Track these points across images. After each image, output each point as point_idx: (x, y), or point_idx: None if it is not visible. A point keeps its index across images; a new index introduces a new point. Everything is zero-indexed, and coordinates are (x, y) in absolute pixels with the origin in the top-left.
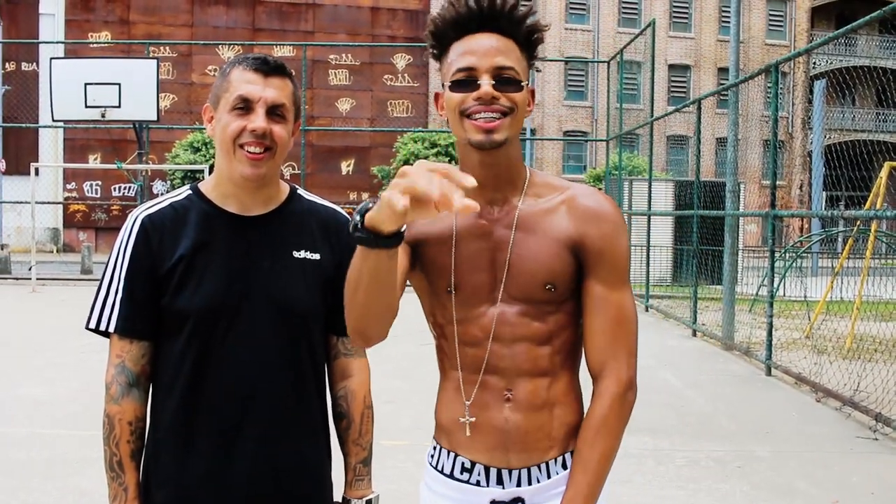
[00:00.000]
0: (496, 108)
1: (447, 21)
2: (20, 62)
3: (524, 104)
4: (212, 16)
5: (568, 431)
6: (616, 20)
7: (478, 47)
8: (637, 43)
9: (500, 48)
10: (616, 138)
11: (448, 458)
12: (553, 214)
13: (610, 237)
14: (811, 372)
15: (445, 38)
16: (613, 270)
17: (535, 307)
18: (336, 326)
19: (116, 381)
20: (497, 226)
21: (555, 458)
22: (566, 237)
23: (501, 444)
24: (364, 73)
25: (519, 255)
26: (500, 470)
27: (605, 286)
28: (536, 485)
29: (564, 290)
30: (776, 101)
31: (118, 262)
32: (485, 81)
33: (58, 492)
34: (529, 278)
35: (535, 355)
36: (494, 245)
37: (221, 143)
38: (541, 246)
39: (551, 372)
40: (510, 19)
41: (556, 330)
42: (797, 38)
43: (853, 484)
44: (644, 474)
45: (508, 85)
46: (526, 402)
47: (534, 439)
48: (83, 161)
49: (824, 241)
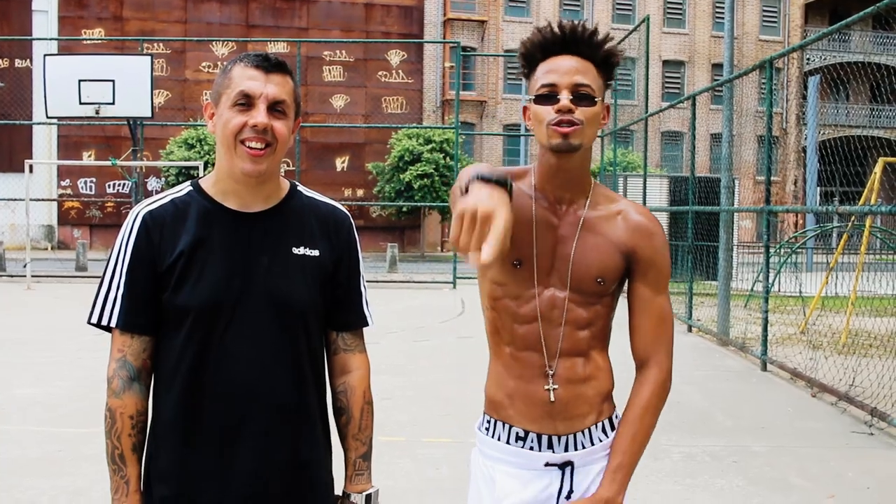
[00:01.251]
0: (572, 119)
1: (535, 44)
2: (13, 59)
3: (598, 117)
4: (205, 12)
5: (603, 399)
6: (610, 16)
7: (559, 67)
8: (631, 39)
9: (578, 68)
10: (611, 134)
11: (503, 428)
12: (611, 222)
13: (659, 250)
14: (806, 367)
15: (533, 59)
16: (659, 278)
17: (582, 296)
18: (336, 322)
19: (118, 376)
20: (563, 222)
21: (594, 423)
22: (621, 243)
23: (547, 413)
24: (358, 69)
25: (581, 250)
26: (551, 437)
27: (651, 290)
28: (583, 450)
29: (609, 286)
30: (770, 97)
31: (120, 258)
32: (564, 96)
33: (52, 490)
34: (585, 270)
35: (576, 338)
36: (559, 237)
37: (223, 138)
38: (599, 245)
39: (586, 353)
40: (589, 44)
41: (594, 318)
42: (791, 34)
43: (849, 479)
44: (640, 469)
45: (584, 100)
46: (566, 377)
47: (574, 407)
48: (77, 158)
49: (819, 236)
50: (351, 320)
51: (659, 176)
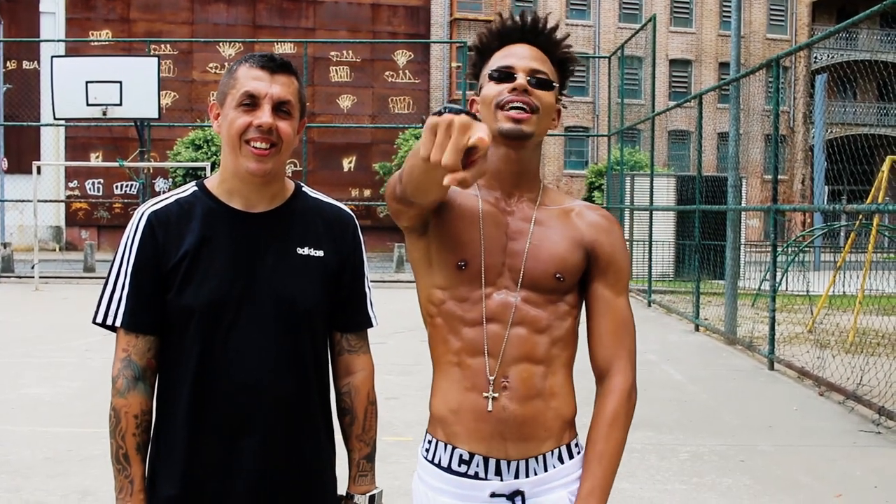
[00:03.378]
0: (527, 101)
1: (493, 33)
2: (21, 61)
3: (552, 109)
4: (212, 13)
5: (563, 424)
6: (617, 15)
7: (517, 52)
8: (638, 38)
9: (536, 57)
10: (617, 133)
11: (445, 450)
12: (565, 218)
13: (618, 248)
14: (814, 366)
15: (489, 48)
16: (619, 277)
17: (539, 295)
18: (340, 323)
19: (123, 375)
20: (513, 218)
21: (551, 450)
22: (580, 237)
23: (499, 433)
24: (365, 69)
25: (536, 246)
26: (499, 461)
27: (612, 291)
28: (534, 477)
29: (570, 283)
30: (777, 96)
31: (125, 258)
32: (521, 76)
33: (60, 490)
34: (542, 266)
35: (533, 342)
36: (509, 234)
37: (228, 138)
38: (557, 240)
39: (546, 361)
40: (549, 38)
41: (554, 320)
42: (798, 33)
43: (856, 478)
44: (647, 469)
45: (541, 84)
46: (522, 390)
47: (530, 429)
48: (85, 159)
49: (826, 235)
50: (355, 321)
51: (666, 175)
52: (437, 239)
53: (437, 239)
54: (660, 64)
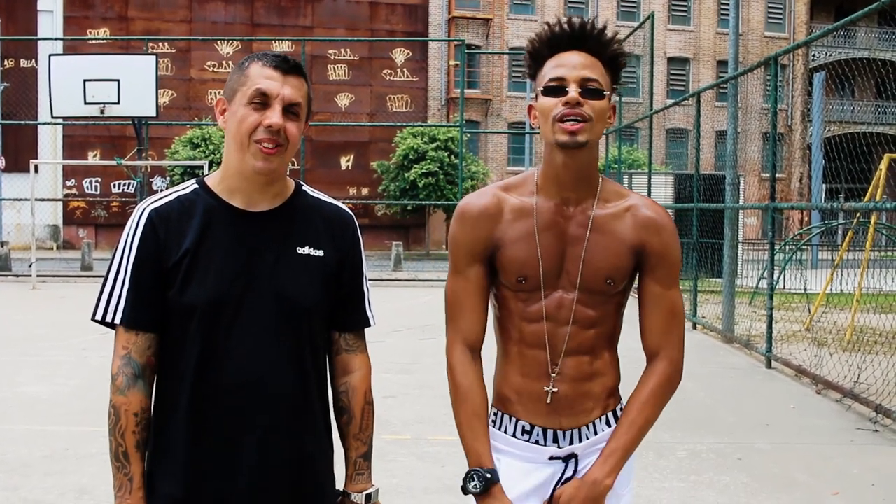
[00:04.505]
0: (580, 112)
1: (543, 41)
2: (19, 59)
3: (605, 114)
4: (210, 11)
5: (608, 393)
6: (615, 13)
7: (568, 62)
8: (636, 36)
9: (586, 64)
10: (615, 132)
11: (510, 421)
12: (620, 220)
13: (668, 245)
14: (811, 364)
15: (540, 56)
16: (670, 273)
17: (591, 297)
18: (338, 322)
19: (122, 373)
20: (571, 223)
21: (598, 417)
22: (630, 241)
23: (553, 409)
24: (363, 67)
25: (591, 252)
26: (556, 431)
27: (662, 285)
28: (586, 441)
29: (619, 285)
30: (775, 94)
31: (125, 254)
32: (572, 89)
33: (58, 489)
34: (595, 272)
35: (583, 337)
36: (567, 239)
37: (235, 135)
38: (609, 246)
39: (594, 350)
40: (598, 41)
41: (602, 317)
42: (796, 31)
43: (854, 475)
44: (645, 467)
45: (593, 94)
46: (571, 375)
47: (580, 404)
48: (82, 158)
49: (824, 233)
50: (353, 321)
51: (664, 173)
52: (499, 266)
53: (499, 266)
54: (658, 62)
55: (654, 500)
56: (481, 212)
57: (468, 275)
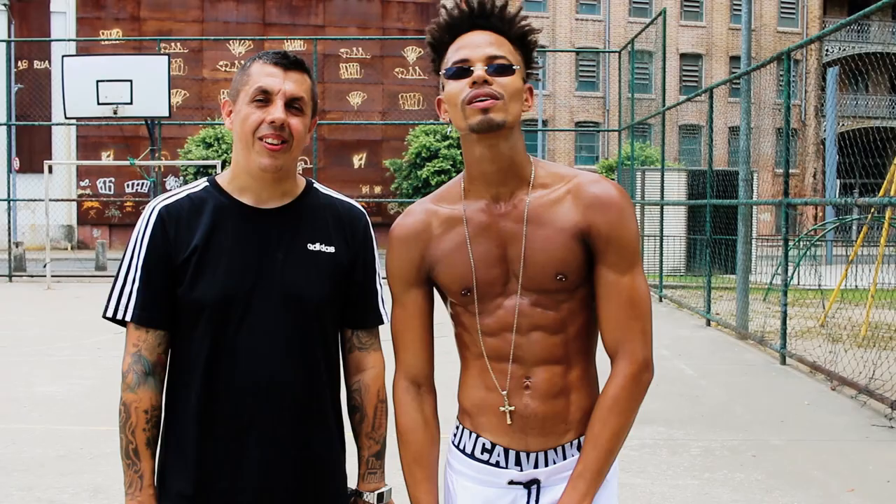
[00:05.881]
0: (489, 91)
1: (442, 26)
2: (32, 60)
3: (518, 91)
4: (222, 11)
5: (584, 415)
6: (627, 10)
7: (470, 42)
8: (648, 32)
9: (491, 41)
10: (628, 128)
11: (470, 438)
12: (560, 205)
13: (616, 224)
14: (826, 360)
15: (443, 42)
16: (623, 255)
17: (548, 297)
18: (350, 320)
19: (133, 370)
20: (505, 220)
21: (571, 441)
22: (573, 227)
23: (520, 428)
24: (375, 66)
25: (531, 248)
26: (519, 452)
27: (615, 271)
28: (552, 466)
29: (575, 279)
30: (788, 89)
31: (135, 252)
32: (478, 68)
33: (72, 488)
34: (541, 270)
35: (550, 343)
36: (505, 239)
37: (240, 134)
38: (551, 238)
39: (566, 359)
40: (500, 18)
41: (568, 318)
42: (809, 26)
43: (869, 472)
44: (658, 464)
45: (501, 70)
46: (543, 389)
47: (551, 424)
48: (96, 158)
49: (838, 228)
50: (366, 318)
51: (677, 170)
52: (440, 281)
53: (440, 282)
54: (670, 58)
55: (668, 497)
56: (408, 233)
57: (404, 302)
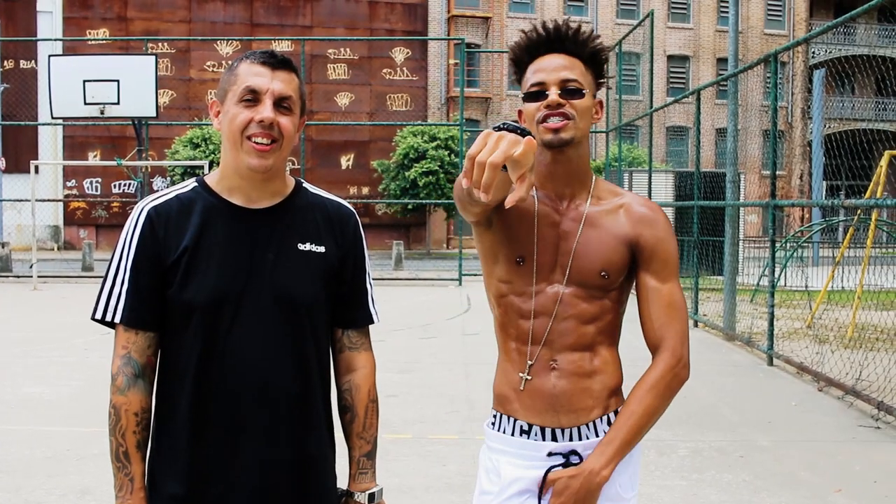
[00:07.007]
0: (562, 112)
1: (522, 47)
2: (18, 60)
3: (589, 111)
4: (209, 11)
5: (609, 393)
6: (614, 11)
7: (547, 65)
8: (636, 34)
9: (565, 65)
10: (615, 130)
11: (508, 422)
12: (613, 215)
13: (661, 238)
14: (813, 361)
15: (522, 62)
16: (665, 266)
17: (587, 291)
18: (341, 319)
19: (122, 372)
20: (565, 218)
21: (599, 416)
22: (624, 235)
23: (551, 406)
24: (363, 67)
25: (583, 245)
26: (554, 430)
27: (658, 279)
28: (587, 440)
29: (615, 279)
30: (775, 91)
31: (124, 253)
32: (552, 92)
33: (60, 490)
34: (588, 265)
35: (581, 332)
36: (561, 234)
37: (229, 134)
38: (602, 239)
39: (592, 347)
40: (574, 41)
41: (601, 312)
42: (796, 28)
43: (855, 472)
44: (646, 465)
45: (573, 94)
46: (570, 370)
47: (578, 401)
48: (83, 158)
49: (825, 230)
50: (356, 318)
51: (664, 171)
52: (500, 233)
53: (500, 233)
54: (657, 60)
55: (655, 498)
56: None
57: None
